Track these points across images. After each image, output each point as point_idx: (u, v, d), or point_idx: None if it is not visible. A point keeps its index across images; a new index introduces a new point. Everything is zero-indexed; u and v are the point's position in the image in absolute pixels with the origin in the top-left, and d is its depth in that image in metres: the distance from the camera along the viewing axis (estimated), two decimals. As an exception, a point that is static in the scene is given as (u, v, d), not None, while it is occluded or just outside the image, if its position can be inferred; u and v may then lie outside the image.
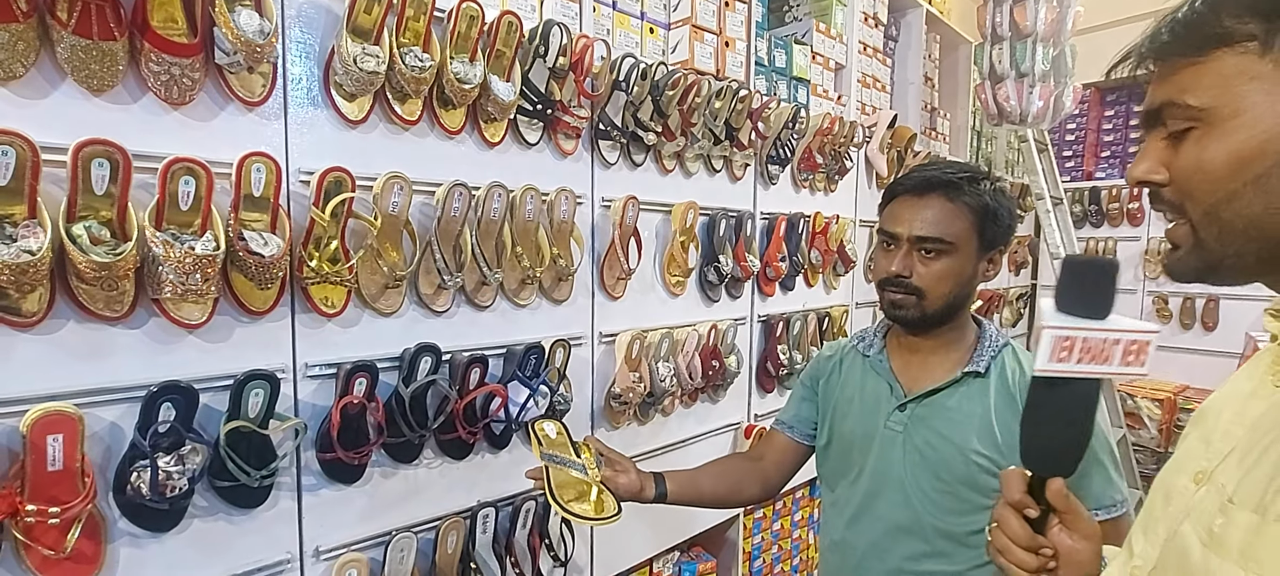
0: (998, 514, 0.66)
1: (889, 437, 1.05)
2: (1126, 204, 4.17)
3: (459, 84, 1.14)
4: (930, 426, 1.03)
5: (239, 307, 0.99)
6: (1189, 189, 0.50)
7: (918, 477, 1.02)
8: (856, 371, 1.14)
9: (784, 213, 2.00)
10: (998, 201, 1.01)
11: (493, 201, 1.24)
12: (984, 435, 0.98)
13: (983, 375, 1.01)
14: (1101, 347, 0.56)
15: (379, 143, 1.14)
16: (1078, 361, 0.56)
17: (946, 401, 1.02)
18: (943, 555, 1.02)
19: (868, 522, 1.07)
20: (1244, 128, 0.47)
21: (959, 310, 1.04)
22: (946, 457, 1.00)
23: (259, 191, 0.96)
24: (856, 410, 1.11)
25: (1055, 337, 0.56)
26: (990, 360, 1.02)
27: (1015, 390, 1.00)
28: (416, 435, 1.17)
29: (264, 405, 0.99)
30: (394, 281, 1.13)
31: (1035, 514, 0.64)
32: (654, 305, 1.67)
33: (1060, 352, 0.56)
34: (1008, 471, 0.66)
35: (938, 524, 1.01)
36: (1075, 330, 0.55)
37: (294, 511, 1.11)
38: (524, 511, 1.39)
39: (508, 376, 1.33)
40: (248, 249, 0.93)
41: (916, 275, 1.01)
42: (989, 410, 0.99)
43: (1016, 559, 0.64)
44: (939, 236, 0.99)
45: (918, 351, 1.08)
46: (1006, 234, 1.02)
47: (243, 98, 0.97)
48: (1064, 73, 2.73)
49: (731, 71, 1.81)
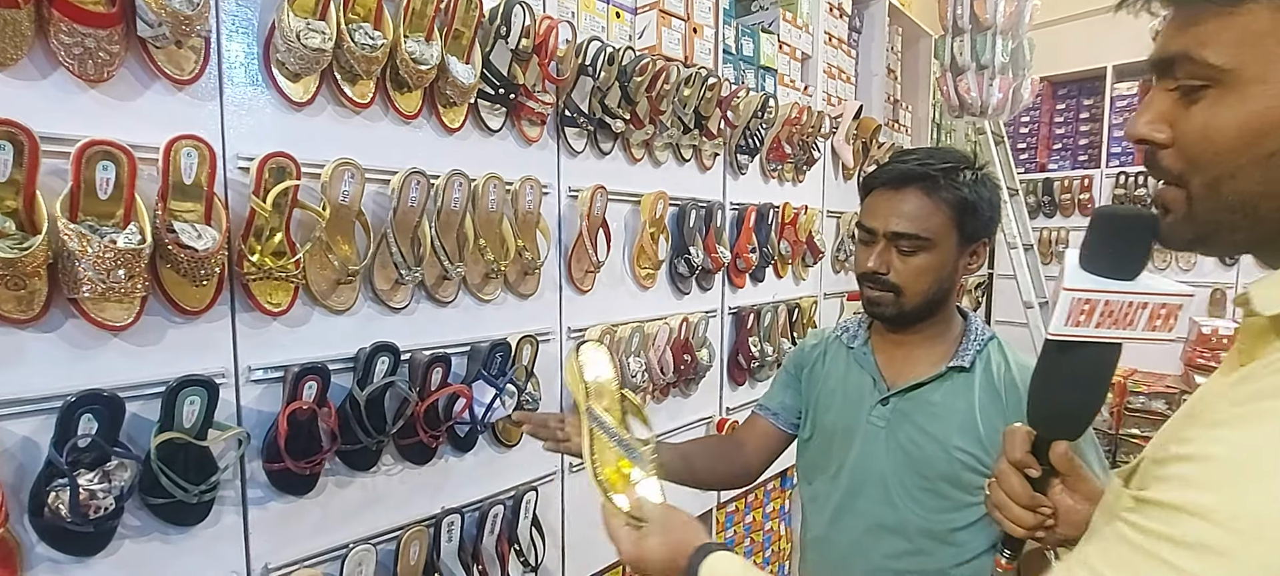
0: (998, 469, 0.65)
1: (871, 432, 1.02)
2: (1078, 194, 4.30)
3: (414, 65, 1.07)
4: (913, 422, 1.00)
5: (171, 307, 0.90)
6: (1193, 155, 0.45)
7: (900, 474, 1.00)
8: (840, 363, 1.11)
9: (753, 203, 1.97)
10: (979, 193, 0.96)
11: (453, 191, 1.17)
12: (968, 431, 0.96)
13: (967, 370, 0.98)
14: (1126, 311, 0.51)
15: (327, 127, 1.06)
16: (1097, 325, 0.51)
17: (930, 396, 0.99)
18: (924, 553, 0.99)
19: (849, 520, 1.04)
20: (1266, 96, 0.41)
21: (940, 305, 1.00)
22: (930, 454, 0.97)
23: (190, 179, 0.87)
24: (839, 403, 1.08)
25: (1073, 300, 0.51)
26: (975, 354, 0.99)
27: (1000, 386, 0.97)
28: (374, 441, 1.09)
29: (201, 413, 0.90)
30: (346, 277, 1.05)
31: (1036, 474, 0.62)
32: (624, 298, 1.62)
33: (1078, 315, 0.51)
34: (1011, 428, 0.64)
35: (920, 522, 0.98)
36: (1097, 291, 0.51)
37: (239, 527, 1.02)
38: (491, 516, 1.32)
39: (472, 376, 1.26)
40: (178, 242, 0.84)
41: (893, 271, 0.97)
42: (973, 406, 0.96)
43: (1013, 515, 0.63)
44: (915, 232, 0.94)
45: (902, 345, 1.04)
46: (989, 226, 0.98)
47: (171, 75, 0.88)
48: (1022, 65, 2.78)
49: (699, 58, 1.76)
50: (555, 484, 1.50)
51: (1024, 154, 4.60)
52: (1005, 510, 0.64)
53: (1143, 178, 4.04)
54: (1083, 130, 4.39)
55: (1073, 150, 4.43)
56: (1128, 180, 4.10)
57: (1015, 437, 0.64)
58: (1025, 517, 0.63)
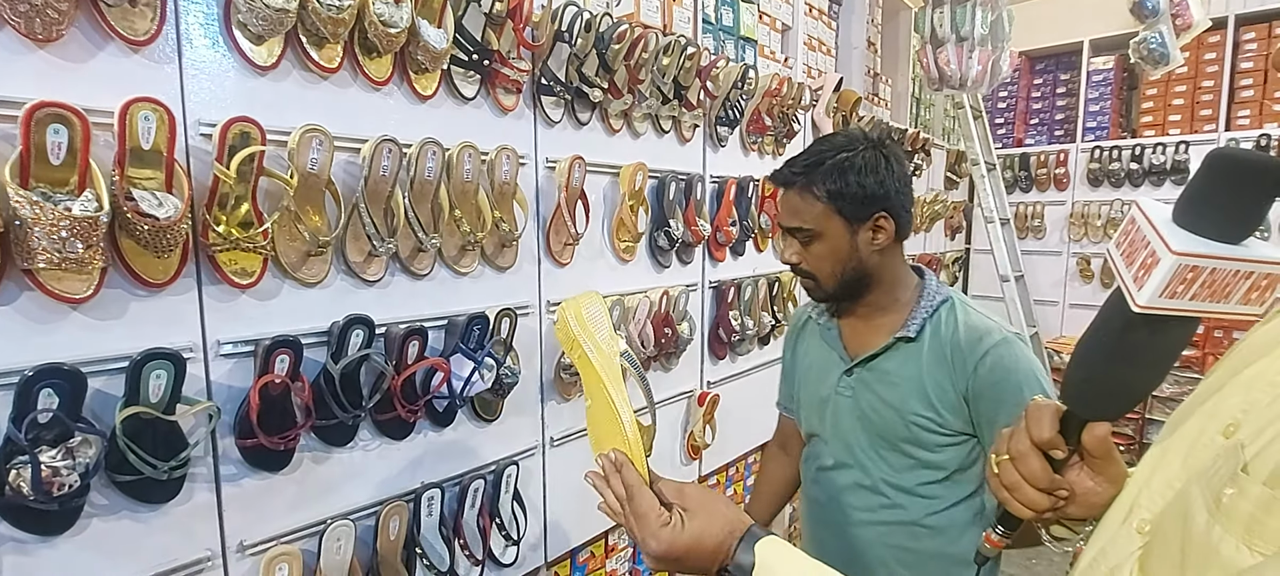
0: (1016, 449, 0.57)
1: (840, 401, 1.10)
2: (1053, 169, 4.35)
3: (383, 27, 1.03)
4: (873, 390, 1.06)
5: (133, 279, 0.87)
6: None
7: (867, 438, 1.07)
8: (814, 339, 1.19)
9: (734, 176, 1.96)
10: (847, 179, 0.99)
11: (426, 160, 1.14)
12: (919, 397, 1.01)
13: (913, 339, 1.03)
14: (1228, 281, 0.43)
15: (293, 92, 1.02)
16: (1192, 297, 0.43)
17: (885, 365, 1.05)
18: (899, 507, 1.06)
19: (829, 480, 1.13)
20: None
21: (865, 281, 1.05)
22: (889, 420, 1.04)
23: (149, 144, 0.83)
24: (815, 376, 1.16)
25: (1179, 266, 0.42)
26: (924, 321, 1.03)
27: (947, 348, 1.00)
28: (350, 415, 1.08)
29: (168, 388, 0.88)
30: (317, 248, 1.02)
31: (1062, 456, 0.55)
32: (603, 271, 1.61)
33: (1177, 285, 0.43)
34: (1037, 405, 0.57)
35: (889, 479, 1.06)
36: (1208, 256, 0.42)
37: (213, 504, 1.00)
38: (472, 490, 1.31)
39: (450, 349, 1.24)
40: (138, 210, 0.81)
41: (804, 260, 1.05)
42: (921, 372, 1.02)
43: (1027, 498, 0.57)
44: (800, 225, 1.03)
45: (858, 318, 1.10)
46: (878, 201, 1.00)
47: (125, 36, 0.84)
48: (1001, 37, 2.79)
49: (678, 27, 1.74)
50: (536, 458, 1.49)
51: (1001, 129, 4.64)
52: (1018, 492, 0.57)
53: (1117, 152, 4.10)
54: (1059, 105, 4.44)
55: (1049, 125, 4.48)
56: (1103, 154, 4.16)
57: (1042, 416, 0.56)
58: (1040, 501, 0.57)
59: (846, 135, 1.05)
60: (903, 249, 1.08)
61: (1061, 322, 4.34)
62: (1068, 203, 4.32)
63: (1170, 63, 3.09)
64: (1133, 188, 4.08)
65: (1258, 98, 3.72)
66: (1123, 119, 4.25)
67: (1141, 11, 3.06)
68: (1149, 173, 4.00)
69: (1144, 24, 3.08)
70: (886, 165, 1.01)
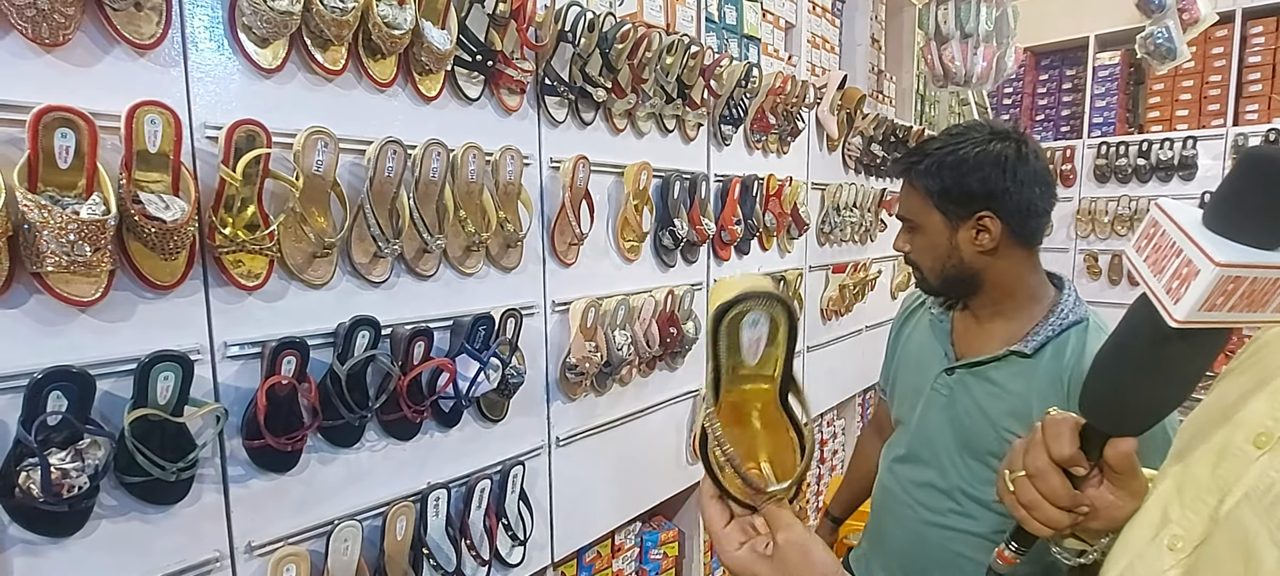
0: (1034, 467, 0.53)
1: (934, 398, 1.08)
2: (1060, 165, 4.32)
3: (387, 29, 1.04)
4: (972, 396, 1.03)
5: (141, 281, 0.87)
6: None
7: (952, 442, 1.05)
8: (923, 328, 1.17)
9: (738, 175, 1.96)
10: (942, 173, 0.99)
11: (431, 161, 1.15)
12: (1019, 415, 0.97)
13: (1029, 355, 0.97)
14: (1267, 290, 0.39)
15: (298, 94, 1.02)
16: (1230, 309, 0.40)
17: (992, 374, 1.01)
18: (968, 515, 1.04)
19: (905, 471, 1.13)
20: None
21: (972, 281, 1.02)
22: (980, 428, 1.01)
23: (155, 147, 0.84)
24: (913, 366, 1.16)
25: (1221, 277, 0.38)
26: (1046, 340, 0.97)
27: (1067, 374, 0.94)
28: (356, 416, 1.08)
29: (176, 390, 0.88)
30: (323, 249, 1.03)
31: (1083, 472, 0.52)
32: (608, 271, 1.61)
33: (1218, 297, 0.39)
34: (1053, 419, 0.53)
35: (965, 487, 1.03)
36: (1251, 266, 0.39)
37: (221, 505, 1.00)
38: (478, 491, 1.32)
39: (455, 350, 1.24)
40: (145, 213, 0.82)
41: (911, 250, 1.08)
42: (1030, 392, 0.97)
43: (1047, 517, 0.53)
44: (905, 216, 1.07)
45: (975, 320, 1.07)
46: (979, 200, 0.97)
47: (131, 39, 0.84)
48: (1006, 33, 2.78)
49: (681, 26, 1.74)
50: (542, 458, 1.50)
51: (1007, 125, 4.61)
52: (1037, 511, 0.54)
53: (1124, 148, 4.08)
54: (1065, 101, 4.41)
55: (1055, 121, 4.46)
56: (1109, 150, 4.13)
57: (1061, 431, 0.53)
58: (1061, 520, 0.53)
59: (967, 127, 1.02)
60: (1033, 257, 1.03)
61: (1068, 320, 4.31)
62: (1074, 199, 4.29)
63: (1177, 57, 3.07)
64: (1140, 184, 4.06)
65: (1266, 92, 3.69)
66: (1129, 114, 4.22)
67: (1147, 6, 3.04)
68: (1156, 168, 3.97)
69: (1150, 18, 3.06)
70: (1003, 163, 0.96)
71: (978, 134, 0.99)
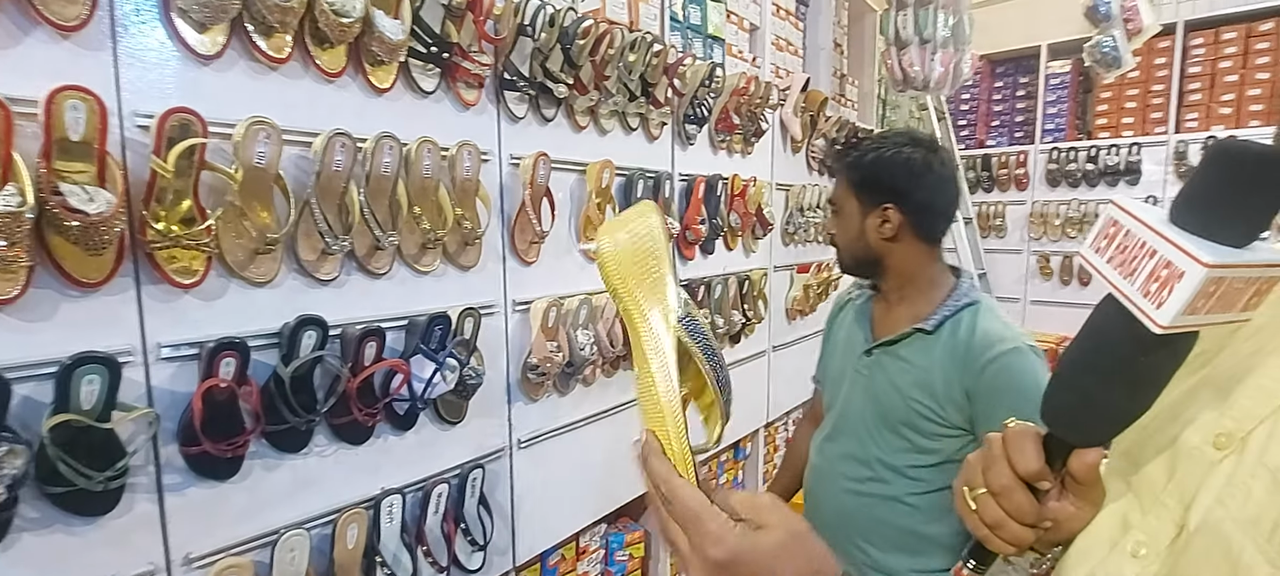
0: (998, 484, 0.50)
1: (856, 378, 1.21)
2: (1014, 170, 4.46)
3: (335, 17, 1.00)
4: (885, 372, 1.16)
5: (64, 279, 0.82)
6: None
7: (870, 415, 1.17)
8: (850, 317, 1.30)
9: (702, 174, 1.95)
10: (862, 166, 1.16)
11: (382, 155, 1.11)
12: (924, 386, 1.10)
13: (930, 332, 1.11)
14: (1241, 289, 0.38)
15: (239, 83, 0.98)
16: (1208, 310, 0.38)
17: (901, 350, 1.14)
18: (883, 481, 1.16)
19: (830, 448, 1.25)
20: None
21: (874, 262, 1.18)
22: (893, 401, 1.13)
23: (78, 136, 0.79)
24: (841, 351, 1.29)
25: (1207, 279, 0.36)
26: (945, 318, 1.11)
27: (961, 348, 1.08)
28: (303, 420, 1.03)
29: (102, 394, 0.83)
30: (266, 246, 0.98)
31: (1048, 487, 0.49)
32: (571, 270, 1.58)
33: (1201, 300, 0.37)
34: (1016, 433, 0.50)
35: (881, 455, 1.16)
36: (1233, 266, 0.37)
37: (155, 515, 0.95)
38: (435, 495, 1.28)
39: (410, 350, 1.21)
40: (66, 205, 0.76)
41: (833, 230, 1.24)
42: (931, 364, 1.10)
43: (1011, 535, 0.49)
44: (833, 200, 1.22)
45: (888, 305, 1.21)
46: (891, 194, 1.13)
47: (53, 21, 0.79)
48: (963, 40, 2.84)
49: (645, 24, 1.73)
50: (503, 460, 1.46)
51: (964, 130, 4.74)
52: (1002, 530, 0.50)
53: (1074, 153, 4.22)
54: (1019, 107, 4.55)
55: (1010, 127, 4.60)
56: (1060, 155, 4.28)
57: (1024, 446, 0.48)
58: (1025, 537, 0.49)
59: (893, 133, 1.20)
60: (933, 250, 1.17)
61: (1023, 319, 4.44)
62: (1028, 202, 4.43)
63: (1122, 66, 3.19)
64: (1089, 188, 4.21)
65: (1205, 101, 3.87)
66: (1079, 121, 4.38)
67: (1095, 16, 3.15)
68: (1104, 173, 4.13)
69: (1098, 28, 3.18)
70: (911, 166, 1.11)
71: (899, 139, 1.15)
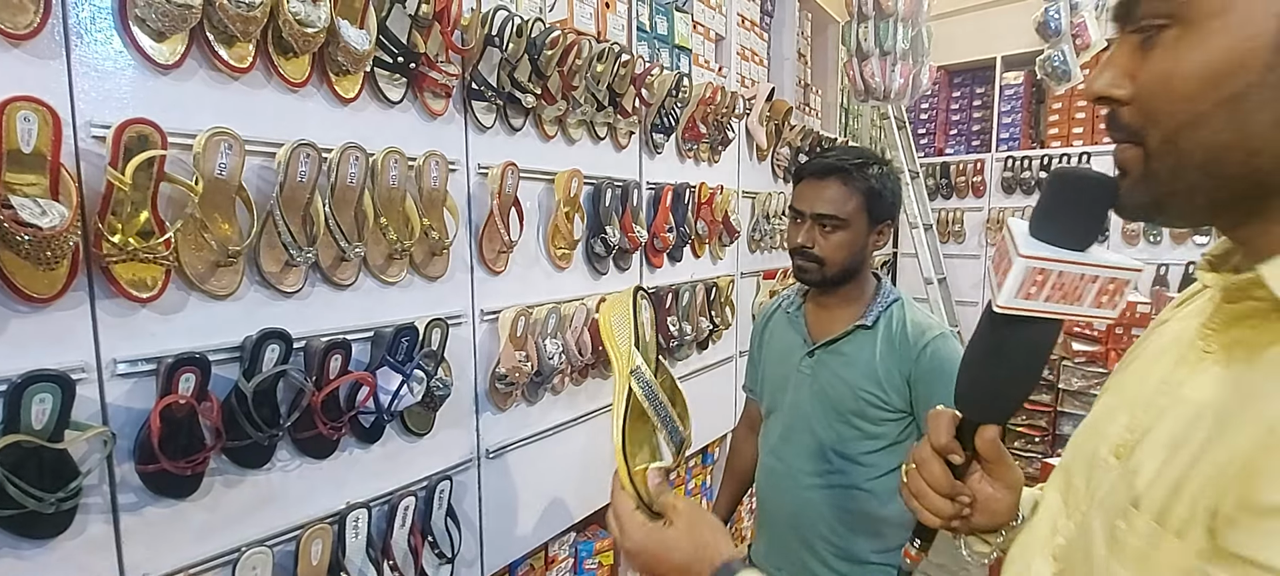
0: (918, 456, 0.60)
1: (800, 379, 1.25)
2: (971, 177, 4.60)
3: (299, 27, 0.99)
4: (830, 369, 1.22)
5: (13, 294, 0.79)
6: (1151, 106, 0.41)
7: (820, 410, 1.23)
8: (781, 326, 1.34)
9: (670, 182, 1.97)
10: (883, 183, 1.19)
11: (348, 165, 1.10)
12: (869, 376, 1.18)
13: (870, 327, 1.20)
14: (1077, 285, 0.47)
15: (199, 93, 0.96)
16: (1046, 299, 0.47)
17: (843, 348, 1.21)
18: (841, 472, 1.22)
19: (785, 449, 1.28)
20: (1228, 30, 0.37)
21: (855, 273, 1.23)
22: (841, 394, 1.20)
23: (30, 147, 0.76)
24: (778, 357, 1.32)
25: (1028, 269, 0.46)
26: (879, 314, 1.21)
27: (896, 338, 1.18)
28: (265, 435, 1.02)
29: (54, 413, 0.80)
30: (227, 258, 0.96)
31: (960, 460, 0.58)
32: (539, 279, 1.59)
33: (1030, 287, 0.47)
34: (935, 412, 0.60)
35: (836, 447, 1.21)
36: (1053, 260, 0.46)
37: (110, 536, 0.92)
38: (402, 508, 1.26)
39: (376, 362, 1.19)
40: (17, 219, 0.74)
41: (818, 246, 1.18)
42: (874, 355, 1.18)
43: (932, 504, 0.59)
44: (834, 214, 1.17)
45: (826, 307, 1.26)
46: (892, 210, 1.21)
47: (3, 30, 0.77)
48: (921, 52, 2.93)
49: (613, 35, 1.74)
50: (471, 471, 1.45)
51: (924, 139, 4.87)
52: (924, 499, 0.60)
53: (1028, 162, 4.38)
54: (976, 116, 4.70)
55: (967, 136, 4.74)
56: (1015, 163, 4.43)
57: (939, 422, 0.58)
58: (944, 507, 0.59)
59: (868, 149, 1.24)
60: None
61: (981, 322, 4.58)
62: (985, 209, 4.57)
63: (1072, 79, 3.33)
64: (1042, 195, 4.36)
65: (1148, 112, 4.04)
66: (1032, 130, 4.54)
67: (1046, 31, 3.28)
68: (1056, 181, 4.28)
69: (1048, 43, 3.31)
70: (896, 183, 1.21)
71: (876, 157, 1.21)
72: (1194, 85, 0.38)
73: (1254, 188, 0.39)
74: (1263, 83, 0.36)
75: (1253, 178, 0.39)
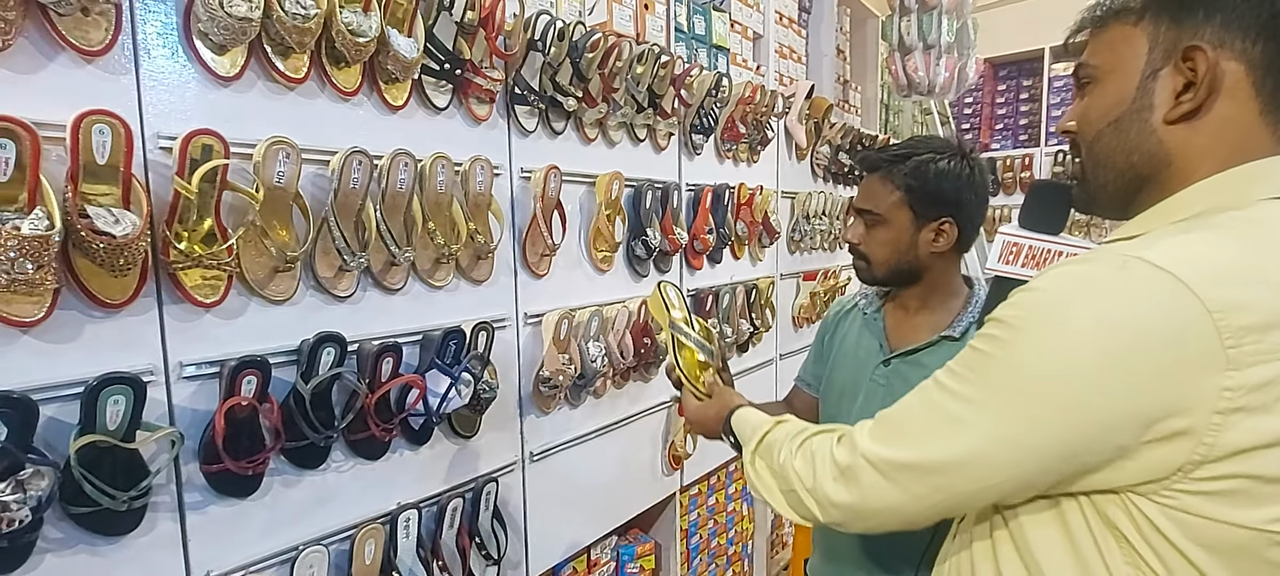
0: None
1: (872, 389, 1.14)
2: (1019, 173, 4.46)
3: (351, 37, 1.01)
4: (908, 382, 1.08)
5: (88, 300, 0.83)
6: (1082, 131, 0.64)
7: None
8: (856, 327, 1.24)
9: (709, 184, 1.96)
10: (929, 177, 1.08)
11: (398, 171, 1.12)
12: None
13: (957, 339, 1.08)
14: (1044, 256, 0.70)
15: (258, 103, 0.99)
16: (1022, 265, 0.70)
17: (924, 360, 1.10)
18: None
19: None
20: (1114, 82, 0.61)
21: (913, 273, 1.13)
22: None
23: (104, 159, 0.80)
24: (849, 362, 1.21)
25: (1004, 242, 0.71)
26: (969, 325, 1.10)
27: None
28: (321, 436, 1.04)
29: (127, 414, 0.84)
30: (285, 264, 0.99)
31: None
32: (581, 282, 1.59)
33: (1008, 254, 0.70)
34: None
35: None
36: (1022, 237, 0.71)
37: (177, 534, 0.96)
38: (450, 510, 1.28)
39: (425, 365, 1.21)
40: (93, 228, 0.78)
41: (863, 242, 1.15)
42: None
43: None
44: (870, 209, 1.12)
45: (906, 312, 1.17)
46: (949, 206, 1.08)
47: (77, 46, 0.80)
48: (967, 45, 2.85)
49: (651, 36, 1.74)
50: (516, 474, 1.47)
51: (968, 134, 4.74)
52: None
53: (1078, 155, 4.22)
54: (1022, 110, 4.55)
55: (1013, 130, 4.60)
56: (1064, 158, 4.27)
57: None
58: None
59: (934, 139, 1.14)
60: (960, 259, 1.16)
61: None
62: (1034, 205, 4.42)
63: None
64: (1094, 189, 4.20)
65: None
66: (1083, 123, 4.38)
67: (1098, 19, 3.16)
68: (1109, 175, 4.12)
69: (1101, 31, 3.18)
70: (968, 177, 1.09)
71: (947, 148, 1.11)
72: (1097, 115, 0.62)
73: (1134, 179, 0.61)
74: (1130, 111, 0.60)
75: (1132, 171, 0.61)
